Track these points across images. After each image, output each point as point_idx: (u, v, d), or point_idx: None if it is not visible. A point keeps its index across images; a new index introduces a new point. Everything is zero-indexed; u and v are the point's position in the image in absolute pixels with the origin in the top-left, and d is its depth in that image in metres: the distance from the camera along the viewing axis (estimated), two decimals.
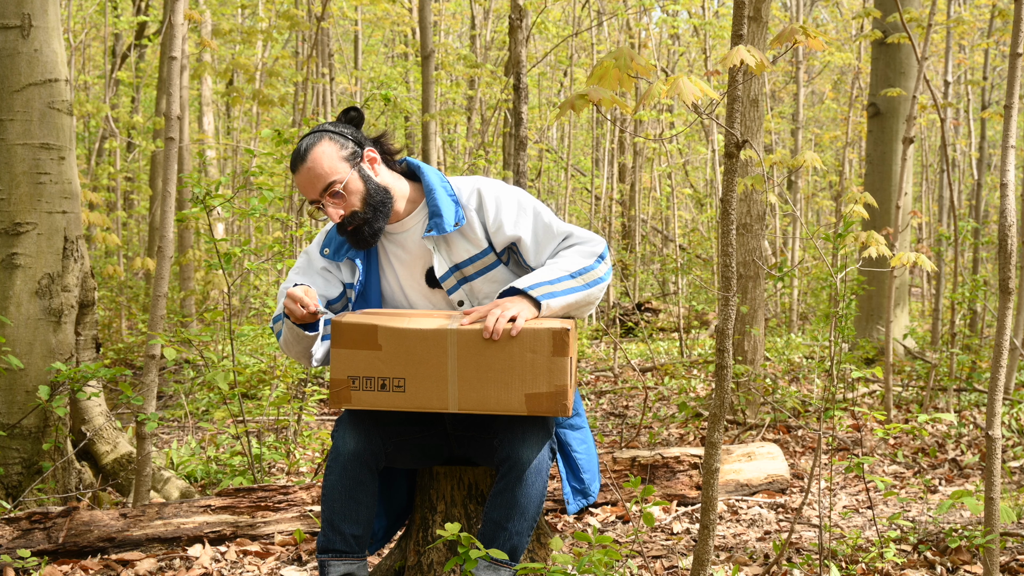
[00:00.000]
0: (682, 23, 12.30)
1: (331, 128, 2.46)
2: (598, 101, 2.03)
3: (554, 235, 2.48)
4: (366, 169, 2.45)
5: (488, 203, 2.48)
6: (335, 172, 2.40)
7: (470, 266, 2.48)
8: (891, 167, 7.72)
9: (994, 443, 2.51)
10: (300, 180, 2.42)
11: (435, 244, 2.47)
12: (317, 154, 2.40)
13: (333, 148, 2.41)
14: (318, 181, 2.40)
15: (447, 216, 2.44)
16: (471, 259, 2.48)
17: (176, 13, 3.85)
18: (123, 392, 3.53)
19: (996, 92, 12.32)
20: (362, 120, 2.55)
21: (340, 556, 2.41)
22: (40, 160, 3.62)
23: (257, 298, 9.68)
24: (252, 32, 9.18)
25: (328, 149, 2.41)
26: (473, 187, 2.51)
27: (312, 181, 2.40)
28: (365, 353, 2.30)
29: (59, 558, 3.12)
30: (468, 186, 2.51)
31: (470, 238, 2.48)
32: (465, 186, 2.51)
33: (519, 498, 2.34)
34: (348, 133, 2.47)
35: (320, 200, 2.42)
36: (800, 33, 2.14)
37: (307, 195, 2.43)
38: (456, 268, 2.48)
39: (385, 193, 2.46)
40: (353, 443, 2.40)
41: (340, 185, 2.40)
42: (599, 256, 2.46)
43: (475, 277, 2.49)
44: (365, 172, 2.44)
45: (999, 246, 2.58)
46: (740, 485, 3.93)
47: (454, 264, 2.48)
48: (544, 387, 2.27)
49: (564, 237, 2.48)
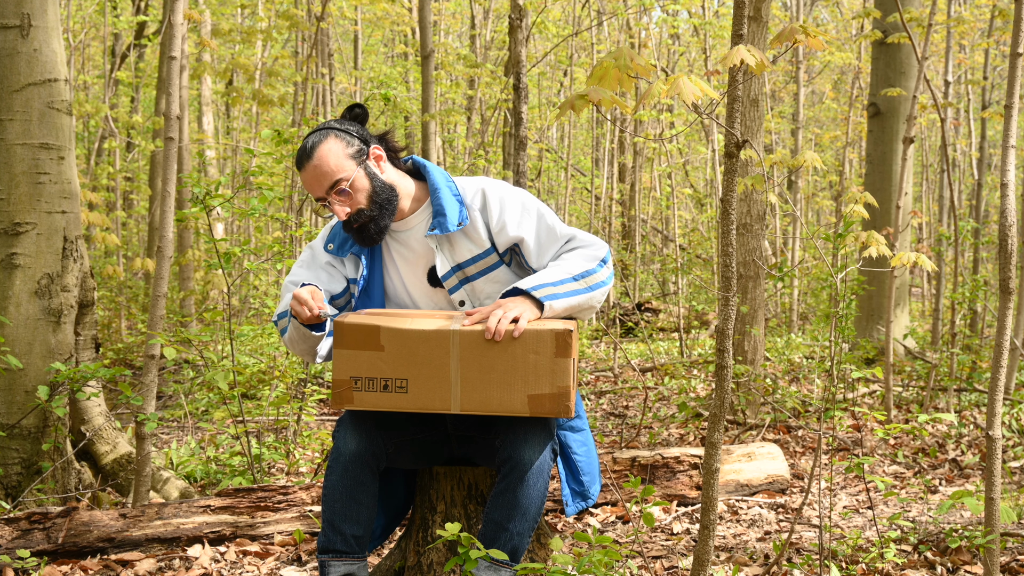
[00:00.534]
0: (682, 23, 12.29)
1: (336, 125, 2.46)
2: (598, 101, 2.02)
3: (557, 238, 2.48)
4: (372, 167, 2.45)
5: (492, 203, 2.48)
6: (341, 170, 2.40)
7: (472, 266, 2.49)
8: (891, 167, 7.71)
9: (994, 443, 2.50)
10: (306, 177, 2.43)
11: (438, 243, 2.47)
12: (323, 152, 2.40)
13: (339, 146, 2.41)
14: (324, 179, 2.40)
15: (451, 215, 2.44)
16: (473, 259, 2.48)
17: (175, 13, 3.85)
18: (123, 392, 3.52)
19: (996, 92, 12.32)
20: (366, 117, 2.55)
21: (340, 556, 2.41)
22: (39, 160, 3.61)
23: (257, 298, 9.68)
24: (252, 32, 9.17)
25: (334, 147, 2.41)
26: (478, 187, 2.51)
27: (318, 179, 2.41)
28: (368, 354, 2.30)
29: (59, 558, 3.12)
30: (473, 186, 2.52)
31: (473, 238, 2.48)
32: (470, 186, 2.52)
33: (520, 499, 2.34)
34: (354, 130, 2.47)
35: (326, 198, 2.42)
36: (800, 33, 2.13)
37: (313, 192, 2.44)
38: (458, 268, 2.48)
39: (391, 191, 2.46)
40: (354, 444, 2.39)
41: (346, 183, 2.40)
42: (601, 260, 2.46)
43: (477, 277, 2.49)
44: (371, 170, 2.45)
45: (999, 246, 2.57)
46: (740, 485, 3.93)
47: (456, 264, 2.48)
48: (547, 388, 2.26)
49: (567, 240, 2.49)
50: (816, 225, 16.12)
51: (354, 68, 12.58)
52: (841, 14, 15.57)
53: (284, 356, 5.94)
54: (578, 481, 2.54)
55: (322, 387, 6.44)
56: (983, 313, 7.57)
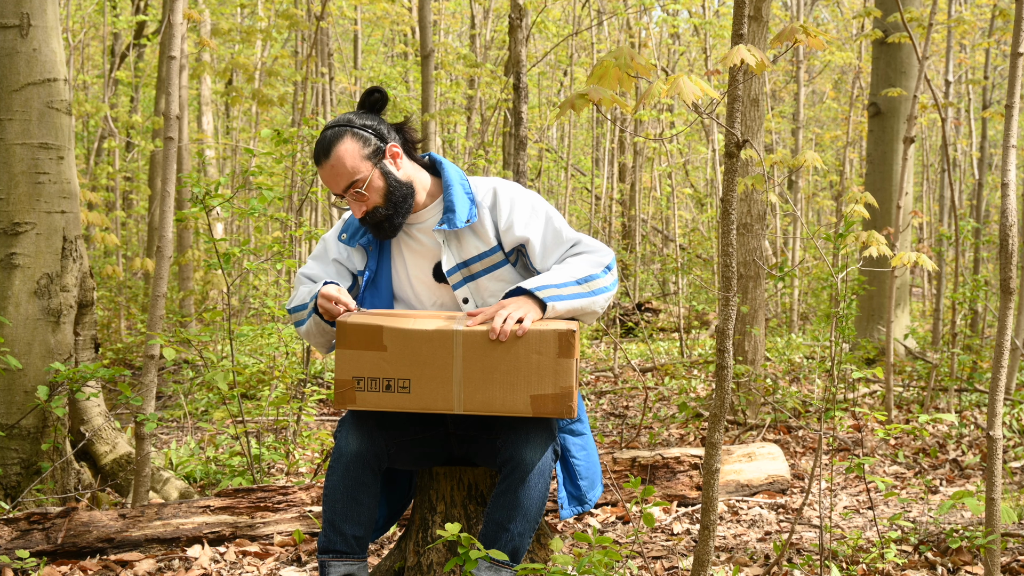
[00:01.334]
0: (682, 22, 12.29)
1: (356, 122, 2.48)
2: (598, 101, 2.02)
3: (563, 241, 2.51)
4: (388, 165, 2.48)
5: (502, 202, 2.51)
6: (357, 172, 2.43)
7: (477, 263, 2.50)
8: (892, 167, 7.71)
9: (995, 443, 2.50)
10: (323, 175, 2.47)
11: (445, 238, 2.50)
12: (340, 153, 2.43)
13: (356, 146, 2.44)
14: (340, 179, 2.44)
15: (460, 212, 2.47)
16: (479, 256, 2.50)
17: (175, 12, 3.84)
18: (122, 392, 3.52)
19: (997, 92, 12.31)
20: (385, 102, 2.57)
21: (341, 557, 2.41)
22: (39, 160, 3.61)
23: (256, 298, 9.68)
24: (251, 31, 9.17)
25: (351, 147, 2.43)
26: (490, 186, 2.55)
27: (335, 178, 2.45)
28: (370, 354, 2.30)
29: (58, 559, 3.11)
30: (485, 185, 2.56)
31: (480, 235, 2.50)
32: (482, 185, 2.56)
33: (522, 499, 2.34)
34: (371, 128, 2.49)
35: (343, 195, 2.47)
36: (801, 32, 2.13)
37: (330, 189, 2.48)
38: (463, 264, 2.50)
39: (407, 188, 2.49)
40: (356, 444, 2.39)
41: (363, 185, 2.43)
42: (606, 267, 2.48)
43: (481, 275, 2.51)
44: (387, 168, 2.48)
45: (1000, 246, 2.57)
46: (741, 486, 3.92)
47: (462, 260, 2.50)
48: (550, 388, 2.26)
49: (572, 244, 2.51)
50: (816, 225, 16.11)
51: (354, 68, 12.57)
52: (842, 13, 15.56)
53: (284, 356, 5.94)
54: (575, 485, 2.55)
55: (322, 387, 6.43)
56: (984, 313, 7.57)
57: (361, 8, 11.36)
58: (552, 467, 2.39)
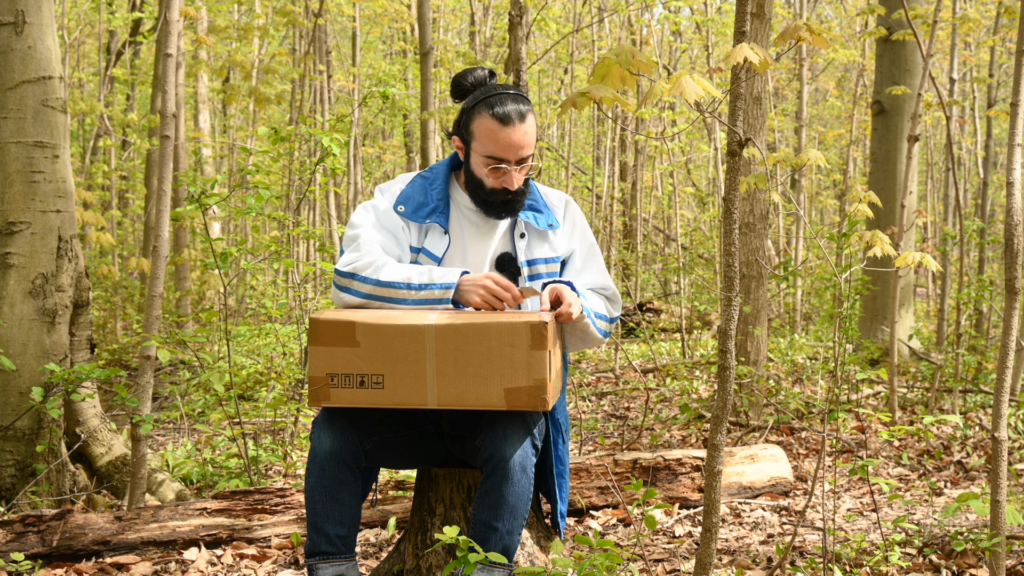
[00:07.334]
0: (684, 20, 12.26)
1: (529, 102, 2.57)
2: (600, 99, 2.00)
3: (596, 270, 2.65)
4: None
5: (577, 218, 2.66)
6: (532, 147, 2.52)
7: (543, 265, 2.59)
8: (896, 165, 7.67)
9: (1000, 445, 2.48)
10: (507, 138, 2.45)
11: (526, 230, 2.58)
12: (532, 125, 2.50)
13: (535, 124, 2.53)
14: (522, 149, 2.48)
15: (546, 214, 2.59)
16: (545, 260, 2.60)
17: (171, 9, 3.81)
18: (118, 393, 3.49)
19: (1002, 90, 12.29)
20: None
21: (328, 558, 2.38)
22: (34, 158, 3.58)
23: (254, 298, 9.66)
24: (248, 29, 9.15)
25: (535, 124, 2.53)
26: (564, 199, 2.67)
27: (521, 145, 2.47)
28: (343, 350, 2.28)
29: (53, 561, 3.09)
30: (559, 196, 2.68)
31: (552, 242, 2.61)
32: (556, 196, 2.67)
33: (507, 496, 2.32)
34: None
35: (507, 163, 2.47)
36: (804, 30, 2.11)
37: (502, 154, 2.46)
38: (530, 263, 2.58)
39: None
40: (329, 442, 2.37)
41: (531, 160, 2.53)
42: (612, 319, 2.62)
43: (539, 277, 2.58)
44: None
45: (1005, 245, 2.54)
46: (743, 488, 3.89)
47: (531, 259, 2.58)
48: (523, 381, 2.24)
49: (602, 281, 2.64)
50: (820, 224, 16.10)
51: (352, 65, 12.55)
52: (845, 11, 15.54)
53: (281, 357, 5.91)
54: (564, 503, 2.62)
55: None
56: (988, 313, 7.52)
57: (359, 5, 11.34)
58: (533, 461, 2.38)
